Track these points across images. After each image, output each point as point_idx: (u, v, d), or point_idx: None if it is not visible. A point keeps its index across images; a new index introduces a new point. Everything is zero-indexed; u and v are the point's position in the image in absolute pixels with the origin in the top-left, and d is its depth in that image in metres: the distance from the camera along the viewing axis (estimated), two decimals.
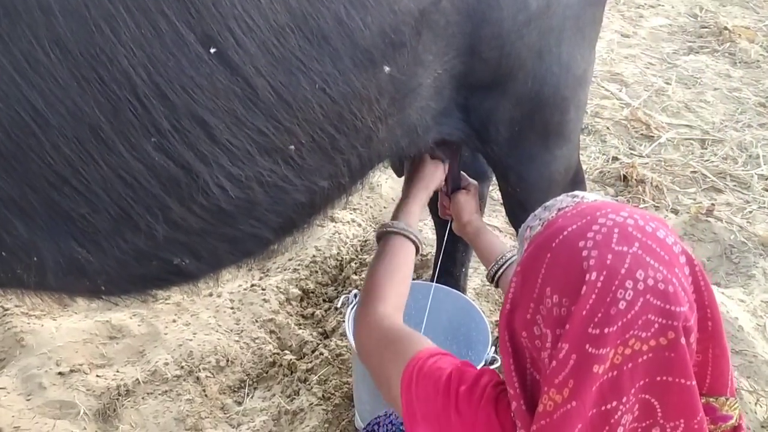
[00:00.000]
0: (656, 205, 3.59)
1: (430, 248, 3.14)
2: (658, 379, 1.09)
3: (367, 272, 1.73)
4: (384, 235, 1.83)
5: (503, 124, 1.83)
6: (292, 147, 1.38)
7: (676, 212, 3.54)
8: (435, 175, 2.03)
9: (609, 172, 3.82)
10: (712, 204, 3.52)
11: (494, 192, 3.13)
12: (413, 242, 1.81)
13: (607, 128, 4.17)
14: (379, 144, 1.60)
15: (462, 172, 2.21)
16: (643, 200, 3.60)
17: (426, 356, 1.34)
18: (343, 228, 3.33)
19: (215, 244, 1.46)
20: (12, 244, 1.26)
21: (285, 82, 1.29)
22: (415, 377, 1.31)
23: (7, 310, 2.78)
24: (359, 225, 3.40)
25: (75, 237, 1.29)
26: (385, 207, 3.53)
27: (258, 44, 1.24)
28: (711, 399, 1.17)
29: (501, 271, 1.92)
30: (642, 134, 4.15)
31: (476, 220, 2.11)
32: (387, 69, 1.44)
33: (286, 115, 1.32)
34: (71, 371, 2.57)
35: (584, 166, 3.75)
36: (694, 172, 3.84)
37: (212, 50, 1.20)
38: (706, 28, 5.38)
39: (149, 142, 1.22)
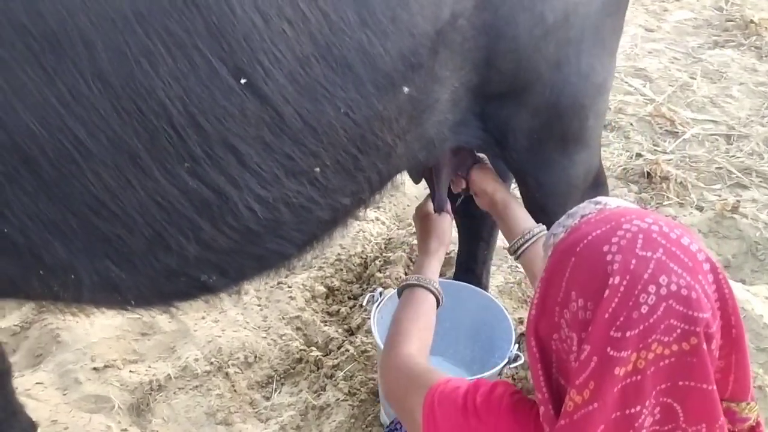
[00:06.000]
0: (680, 202, 3.59)
1: (453, 246, 3.19)
2: (681, 383, 1.11)
3: (392, 321, 1.80)
4: (407, 288, 1.90)
5: (521, 132, 1.87)
6: (318, 169, 1.45)
7: (700, 209, 3.54)
8: (446, 229, 2.09)
9: (632, 169, 3.82)
10: (738, 200, 3.51)
11: (514, 190, 3.15)
12: (434, 294, 1.88)
13: (631, 124, 4.16)
14: (397, 159, 1.66)
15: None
16: (667, 197, 3.60)
17: (444, 381, 1.40)
18: (368, 226, 3.38)
19: (242, 262, 1.53)
20: (51, 263, 1.33)
21: (311, 109, 1.36)
22: (437, 401, 1.36)
23: (43, 307, 2.87)
24: (383, 223, 3.45)
25: (110, 257, 1.37)
26: (408, 205, 3.57)
27: (285, 74, 1.31)
28: (732, 404, 1.19)
29: (526, 245, 1.92)
30: (666, 130, 4.14)
31: (501, 190, 2.07)
32: (406, 90, 1.50)
33: (312, 139, 1.40)
34: (105, 367, 2.66)
35: (607, 163, 3.76)
36: (719, 168, 3.83)
37: (243, 81, 1.27)
38: (731, 21, 5.33)
39: (183, 167, 1.30)
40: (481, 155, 2.18)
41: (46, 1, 1.14)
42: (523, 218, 2.00)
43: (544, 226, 1.94)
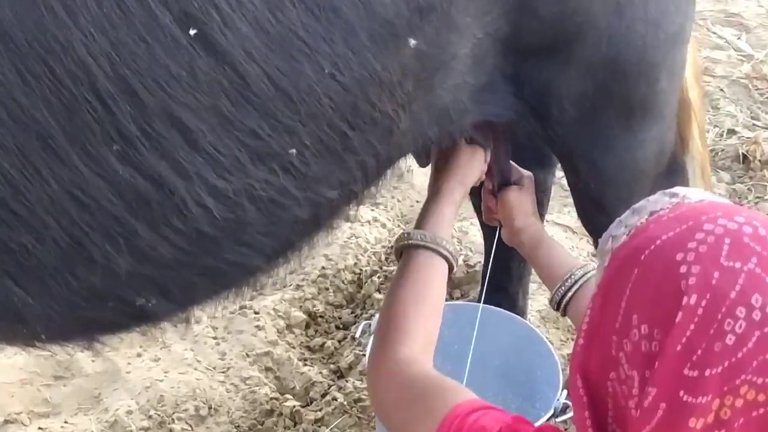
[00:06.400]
0: None
1: (478, 257, 3.19)
2: None
3: (385, 300, 1.79)
4: (406, 249, 1.86)
5: (569, 100, 1.89)
6: (293, 151, 1.45)
7: None
8: (473, 166, 2.05)
9: (723, 150, 3.84)
10: None
11: (560, 180, 3.17)
12: (446, 258, 1.83)
13: (721, 90, 4.17)
14: (400, 137, 1.66)
15: (512, 162, 2.23)
16: None
17: (465, 412, 1.38)
18: (362, 230, 3.40)
19: (191, 279, 1.53)
20: None
21: (284, 68, 1.36)
22: None
23: None
24: (383, 226, 3.47)
25: (11, 273, 1.36)
26: (417, 201, 3.57)
27: (250, 22, 1.31)
28: None
29: (570, 294, 1.94)
30: None
31: (532, 226, 2.13)
32: (412, 42, 1.51)
33: (286, 110, 1.39)
34: (6, 422, 2.66)
35: None
36: None
37: (192, 32, 1.27)
38: None
39: (112, 151, 1.29)
40: (527, 172, 2.22)
41: None
42: (561, 259, 2.04)
43: (591, 265, 1.96)
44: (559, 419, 2.23)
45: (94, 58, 1.23)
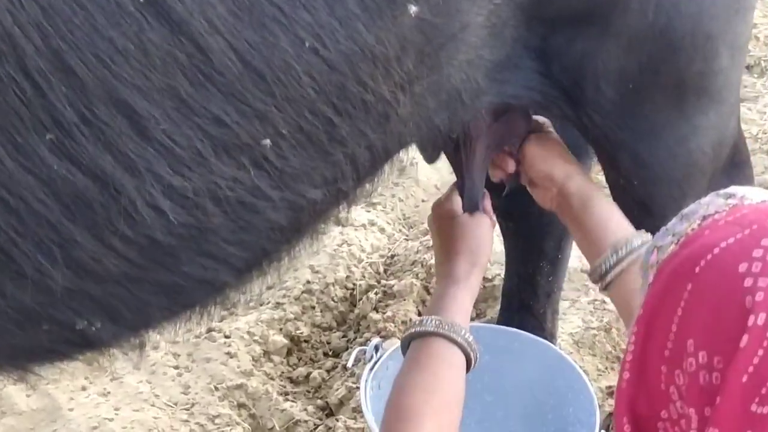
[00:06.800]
0: None
1: (497, 268, 3.19)
2: None
3: (392, 393, 1.78)
4: (417, 338, 1.86)
5: (608, 79, 1.89)
6: (267, 142, 1.44)
7: None
8: (483, 240, 2.07)
9: None
10: None
11: (602, 175, 3.14)
12: (464, 350, 1.84)
13: None
14: (399, 125, 1.67)
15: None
16: None
17: None
18: (356, 236, 3.41)
19: (143, 297, 1.52)
20: None
21: (254, 41, 1.36)
22: None
23: None
24: (381, 230, 3.49)
25: None
26: (424, 200, 3.59)
27: None
28: None
29: (619, 267, 1.89)
30: None
31: (578, 175, 2.06)
32: (413, 9, 1.50)
33: (258, 92, 1.39)
34: None
35: (753, 129, 3.76)
36: None
37: None
38: None
39: (44, 141, 1.28)
40: (541, 118, 2.19)
41: None
42: (613, 222, 2.00)
43: (649, 236, 1.94)
44: None
45: (21, 29, 1.22)
